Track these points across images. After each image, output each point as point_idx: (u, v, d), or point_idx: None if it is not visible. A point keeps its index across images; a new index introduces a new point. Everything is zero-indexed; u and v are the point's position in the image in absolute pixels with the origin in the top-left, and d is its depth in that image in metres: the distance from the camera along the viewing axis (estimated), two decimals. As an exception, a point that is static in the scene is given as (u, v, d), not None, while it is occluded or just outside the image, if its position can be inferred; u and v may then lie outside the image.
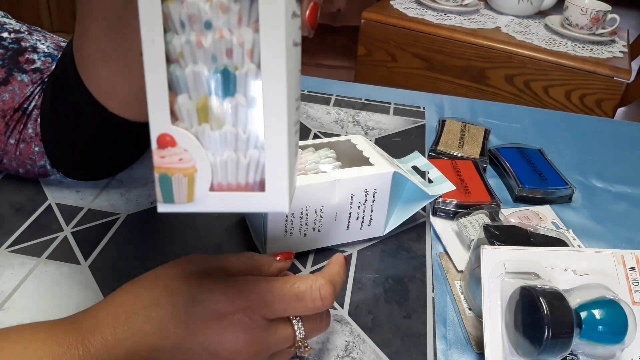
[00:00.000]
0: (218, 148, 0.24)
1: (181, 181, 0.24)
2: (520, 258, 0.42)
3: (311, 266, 0.50)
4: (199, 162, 0.24)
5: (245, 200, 0.25)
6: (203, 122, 0.24)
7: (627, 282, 0.42)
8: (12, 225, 0.51)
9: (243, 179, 0.24)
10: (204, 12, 0.22)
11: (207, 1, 0.22)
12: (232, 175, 0.25)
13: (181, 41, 0.23)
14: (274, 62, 0.22)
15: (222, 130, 0.24)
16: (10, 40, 0.52)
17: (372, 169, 0.48)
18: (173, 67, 0.23)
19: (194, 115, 0.24)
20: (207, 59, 0.23)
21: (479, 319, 0.45)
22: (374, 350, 0.42)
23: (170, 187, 0.25)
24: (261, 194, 0.24)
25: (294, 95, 0.25)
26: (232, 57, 0.23)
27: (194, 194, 0.25)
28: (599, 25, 1.36)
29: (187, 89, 0.24)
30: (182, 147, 0.24)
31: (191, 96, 0.24)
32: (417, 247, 0.53)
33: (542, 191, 0.61)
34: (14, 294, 0.44)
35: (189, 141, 0.24)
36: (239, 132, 0.24)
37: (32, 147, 0.51)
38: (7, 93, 0.50)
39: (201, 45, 0.23)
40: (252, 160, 0.24)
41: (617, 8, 1.42)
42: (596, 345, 0.39)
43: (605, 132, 0.79)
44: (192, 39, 0.23)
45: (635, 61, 1.38)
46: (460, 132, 0.71)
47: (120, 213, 0.54)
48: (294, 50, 0.24)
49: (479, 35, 1.34)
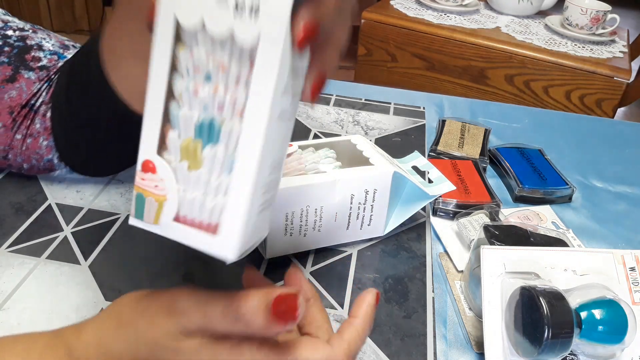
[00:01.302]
0: (189, 186, 0.26)
1: (152, 204, 0.27)
2: (520, 258, 0.42)
3: (311, 266, 0.50)
4: (170, 193, 0.26)
5: (199, 237, 0.26)
6: (183, 160, 0.26)
7: (627, 282, 0.42)
8: (12, 225, 0.51)
9: (206, 219, 0.26)
10: (206, 66, 0.25)
11: (210, 58, 0.25)
12: (196, 212, 0.26)
13: (183, 85, 0.25)
14: (253, 133, 0.24)
15: (197, 172, 0.26)
16: (15, 38, 0.53)
17: (372, 169, 0.48)
18: (173, 104, 0.26)
19: (177, 152, 0.26)
20: (200, 107, 0.25)
21: (479, 319, 0.45)
22: (374, 350, 0.42)
23: (142, 206, 0.27)
24: (213, 236, 0.26)
25: (270, 161, 0.26)
26: (222, 111, 0.25)
27: (160, 219, 0.27)
28: (599, 25, 1.36)
29: (178, 127, 0.26)
30: (160, 176, 0.26)
31: (180, 135, 0.26)
32: (417, 247, 0.53)
33: (542, 191, 0.61)
34: (14, 294, 0.44)
35: (166, 173, 0.26)
36: (212, 178, 0.26)
37: (40, 141, 0.52)
38: (15, 90, 0.51)
39: (197, 94, 0.25)
40: (216, 206, 0.26)
41: (617, 8, 1.42)
42: (596, 345, 0.39)
43: (605, 132, 0.79)
44: (192, 86, 0.25)
45: (635, 61, 1.38)
46: (460, 132, 0.71)
47: (120, 213, 0.54)
48: (277, 123, 0.26)
49: (479, 35, 1.34)
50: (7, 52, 0.51)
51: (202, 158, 0.26)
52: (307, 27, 0.24)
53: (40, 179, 0.57)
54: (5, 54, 0.51)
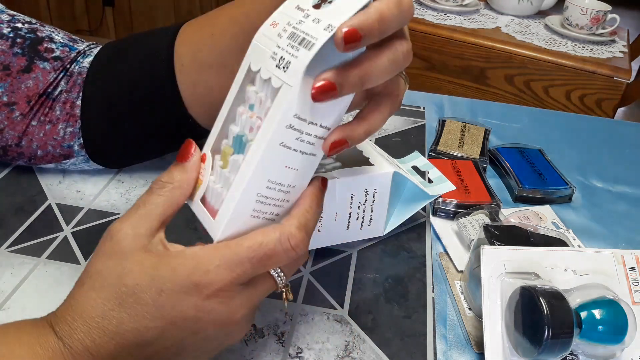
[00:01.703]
0: (216, 179, 0.35)
1: (197, 186, 0.36)
2: (520, 258, 0.42)
3: (311, 266, 0.50)
4: (205, 179, 0.36)
5: (206, 218, 0.35)
6: (221, 160, 0.35)
7: (627, 282, 0.42)
8: (12, 225, 0.51)
9: (217, 205, 0.34)
10: (253, 99, 0.34)
11: (257, 94, 0.34)
12: (213, 199, 0.35)
13: (240, 109, 0.35)
14: (253, 155, 0.33)
15: (224, 170, 0.35)
16: (25, 30, 0.53)
17: (372, 169, 0.48)
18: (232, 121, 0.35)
19: (220, 153, 0.35)
20: (241, 125, 0.34)
21: (479, 319, 0.45)
22: (374, 350, 0.42)
23: (197, 187, 0.36)
24: (212, 219, 0.34)
25: (268, 177, 0.33)
26: (252, 132, 0.33)
27: (194, 196, 0.36)
28: (599, 25, 1.36)
29: (228, 137, 0.35)
30: (206, 166, 0.36)
31: (226, 142, 0.35)
32: (417, 247, 0.53)
33: (542, 191, 0.61)
34: (14, 294, 0.44)
35: (208, 166, 0.36)
36: (230, 177, 0.34)
37: (58, 127, 0.53)
38: (31, 80, 0.52)
39: (242, 116, 0.34)
40: (220, 196, 0.34)
41: (617, 8, 1.42)
42: (596, 345, 0.39)
43: (605, 132, 0.79)
44: (241, 110, 0.35)
45: (635, 61, 1.38)
46: (460, 132, 0.71)
47: (120, 213, 0.54)
48: (279, 149, 0.33)
49: (479, 35, 1.34)
50: (19, 44, 0.52)
51: (229, 161, 0.34)
52: (322, 86, 0.31)
53: (40, 179, 0.57)
54: (18, 45, 0.52)
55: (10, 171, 0.58)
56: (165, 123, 0.52)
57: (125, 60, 0.52)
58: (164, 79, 0.49)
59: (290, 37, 0.32)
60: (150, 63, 0.50)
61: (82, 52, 0.54)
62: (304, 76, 0.31)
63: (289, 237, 0.33)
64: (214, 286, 0.31)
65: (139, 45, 0.52)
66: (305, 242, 0.34)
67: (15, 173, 0.58)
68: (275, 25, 0.34)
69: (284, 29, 0.33)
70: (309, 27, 0.31)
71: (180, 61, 0.49)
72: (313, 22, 0.32)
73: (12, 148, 0.53)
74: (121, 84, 0.51)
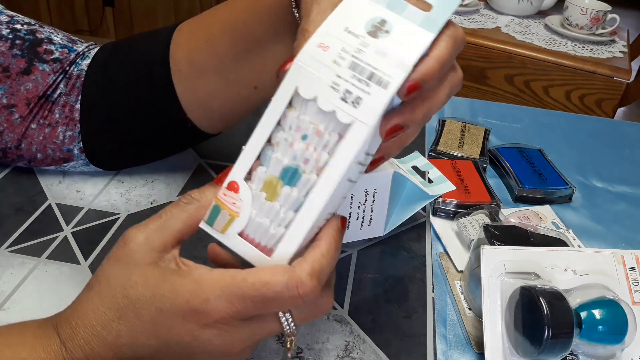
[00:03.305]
0: (261, 212, 0.32)
1: (225, 217, 0.32)
2: (520, 258, 0.42)
3: (311, 266, 0.50)
4: (243, 212, 0.32)
5: (254, 254, 0.32)
6: (263, 191, 0.32)
7: (627, 282, 0.42)
8: (12, 225, 0.51)
9: (264, 241, 0.32)
10: (306, 129, 0.31)
11: (312, 124, 0.31)
12: (258, 234, 0.32)
13: (282, 136, 0.32)
14: (322, 191, 0.31)
15: (271, 203, 0.32)
16: (24, 31, 0.53)
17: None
18: (268, 148, 0.32)
19: (260, 183, 0.32)
20: (291, 156, 0.32)
21: (479, 319, 0.45)
22: (374, 350, 0.42)
23: (216, 215, 0.33)
24: (266, 257, 0.32)
25: (329, 209, 0.33)
26: (306, 164, 0.31)
27: (227, 230, 0.33)
28: (599, 25, 1.36)
29: (268, 165, 0.32)
30: (240, 196, 0.32)
31: (267, 171, 0.32)
32: (417, 247, 0.53)
33: (542, 191, 0.61)
34: (14, 294, 0.44)
35: (246, 196, 0.32)
36: (281, 211, 0.32)
37: (58, 130, 0.53)
38: (31, 82, 0.52)
39: (292, 146, 0.31)
40: (276, 234, 0.32)
41: (617, 8, 1.42)
42: (596, 345, 0.39)
43: (605, 132, 0.79)
44: (290, 139, 0.32)
45: (635, 61, 1.38)
46: (460, 132, 0.71)
47: (120, 213, 0.54)
48: (344, 184, 0.32)
49: (479, 35, 1.34)
50: (19, 45, 0.52)
51: (279, 193, 0.32)
52: (393, 128, 0.31)
53: (40, 179, 0.57)
54: (18, 46, 0.52)
55: (10, 171, 0.58)
56: (164, 127, 0.52)
57: (122, 65, 0.52)
58: (160, 84, 0.49)
59: (353, 68, 0.30)
60: (147, 68, 0.50)
61: (81, 54, 0.54)
62: (380, 117, 0.30)
63: (298, 284, 0.30)
64: (212, 317, 0.30)
65: (135, 49, 0.52)
66: (315, 291, 0.31)
67: (15, 173, 0.58)
68: (325, 49, 0.31)
69: (340, 56, 0.31)
70: (375, 61, 0.30)
71: (177, 66, 0.49)
72: (377, 54, 0.30)
73: (11, 150, 0.53)
74: (119, 89, 0.51)
